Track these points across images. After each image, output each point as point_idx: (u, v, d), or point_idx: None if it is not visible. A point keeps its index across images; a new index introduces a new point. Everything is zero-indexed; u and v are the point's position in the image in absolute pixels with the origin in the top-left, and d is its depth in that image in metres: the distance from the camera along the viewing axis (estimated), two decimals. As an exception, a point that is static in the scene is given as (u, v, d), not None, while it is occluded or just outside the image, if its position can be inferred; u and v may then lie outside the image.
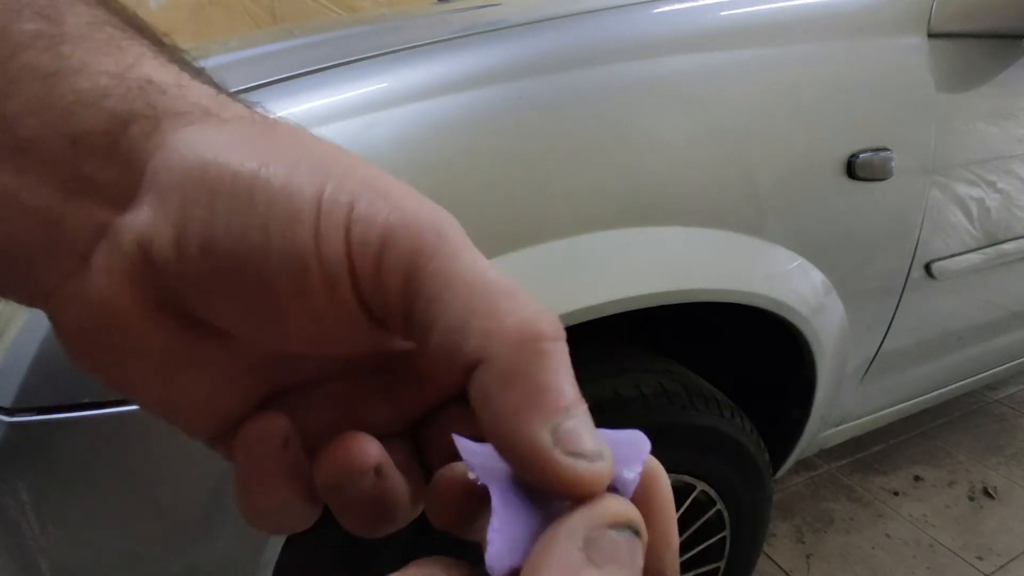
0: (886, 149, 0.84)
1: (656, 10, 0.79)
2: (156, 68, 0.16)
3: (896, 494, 1.51)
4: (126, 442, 0.54)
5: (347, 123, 0.59)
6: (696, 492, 0.91)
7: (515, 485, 0.15)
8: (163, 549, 0.59)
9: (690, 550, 0.98)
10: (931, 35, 0.87)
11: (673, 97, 0.73)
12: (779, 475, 1.16)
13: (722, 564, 1.01)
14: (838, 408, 1.09)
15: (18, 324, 0.52)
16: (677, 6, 0.81)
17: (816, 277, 0.86)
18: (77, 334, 0.16)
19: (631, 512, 0.14)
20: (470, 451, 0.16)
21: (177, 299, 0.16)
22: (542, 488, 0.14)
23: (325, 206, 0.15)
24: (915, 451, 1.65)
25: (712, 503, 0.94)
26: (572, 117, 0.67)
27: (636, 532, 0.14)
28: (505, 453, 0.14)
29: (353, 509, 0.17)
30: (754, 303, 0.80)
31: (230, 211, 0.15)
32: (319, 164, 0.15)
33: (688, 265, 0.74)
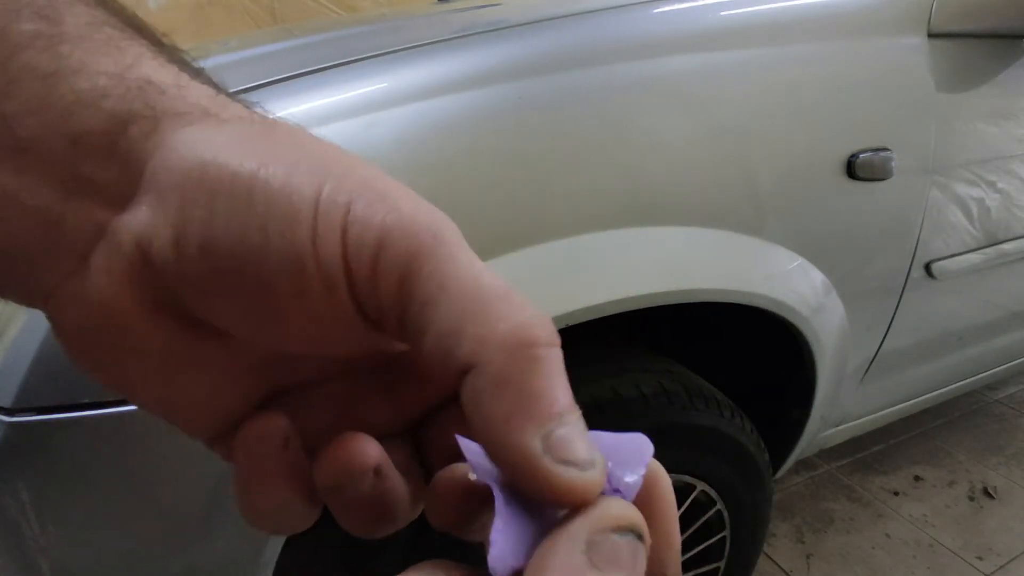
0: (886, 149, 0.84)
1: (656, 10, 0.79)
2: (155, 68, 0.16)
3: (896, 494, 1.51)
4: (126, 442, 0.54)
5: (347, 123, 0.59)
6: (696, 492, 0.91)
7: (517, 486, 0.15)
8: (163, 549, 0.59)
9: (690, 550, 0.98)
10: (931, 35, 0.87)
11: (673, 97, 0.73)
12: (779, 475, 1.16)
13: (722, 564, 1.01)
14: (838, 408, 1.09)
15: (18, 324, 0.52)
16: (677, 6, 0.81)
17: (816, 277, 0.86)
18: (77, 334, 0.16)
19: (634, 516, 0.14)
20: (473, 451, 0.16)
21: (176, 299, 0.16)
22: (533, 496, 0.14)
23: (323, 206, 0.15)
24: (915, 451, 1.65)
25: (712, 503, 0.94)
26: (572, 117, 0.67)
27: (639, 536, 0.14)
28: (496, 459, 0.14)
29: (352, 510, 0.17)
30: (754, 303, 0.80)
31: (229, 211, 0.15)
32: (318, 164, 0.15)
33: (688, 265, 0.74)
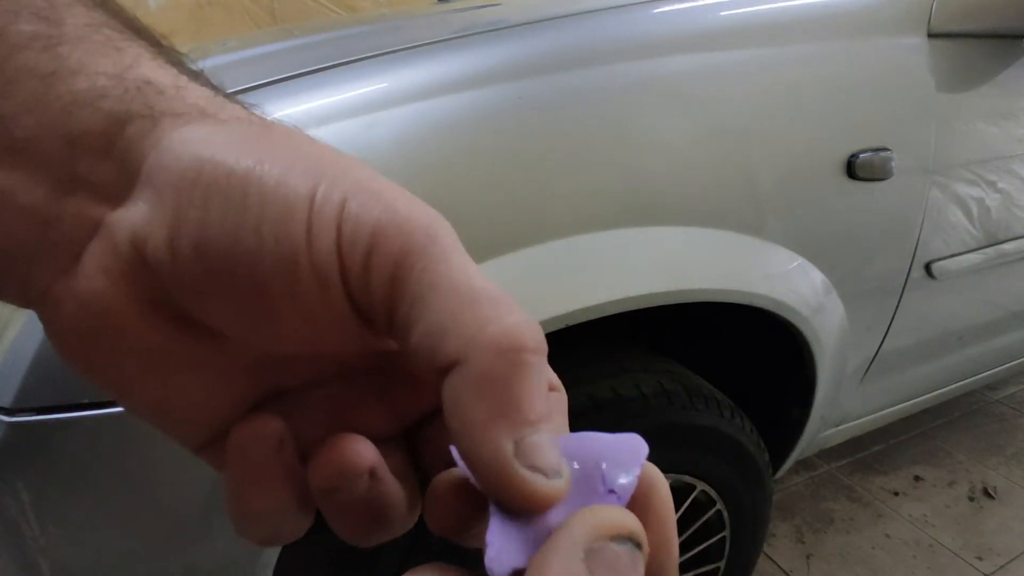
0: (886, 149, 0.84)
1: (656, 10, 0.79)
2: (153, 69, 0.16)
3: (896, 494, 1.51)
4: (126, 442, 0.54)
5: (347, 123, 0.59)
6: (696, 492, 0.91)
7: None
8: (163, 549, 0.59)
9: (690, 550, 0.98)
10: (931, 35, 0.87)
11: (673, 97, 0.73)
12: (779, 475, 1.16)
13: (722, 564, 1.01)
14: (838, 408, 1.09)
15: (18, 324, 0.52)
16: (677, 6, 0.81)
17: (816, 277, 0.86)
18: (70, 333, 0.16)
19: (633, 524, 0.14)
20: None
21: (171, 299, 0.15)
22: (496, 497, 0.14)
23: (317, 204, 0.15)
24: (915, 451, 1.65)
25: (712, 503, 0.94)
26: (572, 117, 0.67)
27: (637, 544, 0.14)
28: (467, 457, 0.14)
29: (347, 514, 0.17)
30: (754, 303, 0.80)
31: (224, 211, 0.15)
32: (314, 165, 0.15)
33: (688, 265, 0.74)
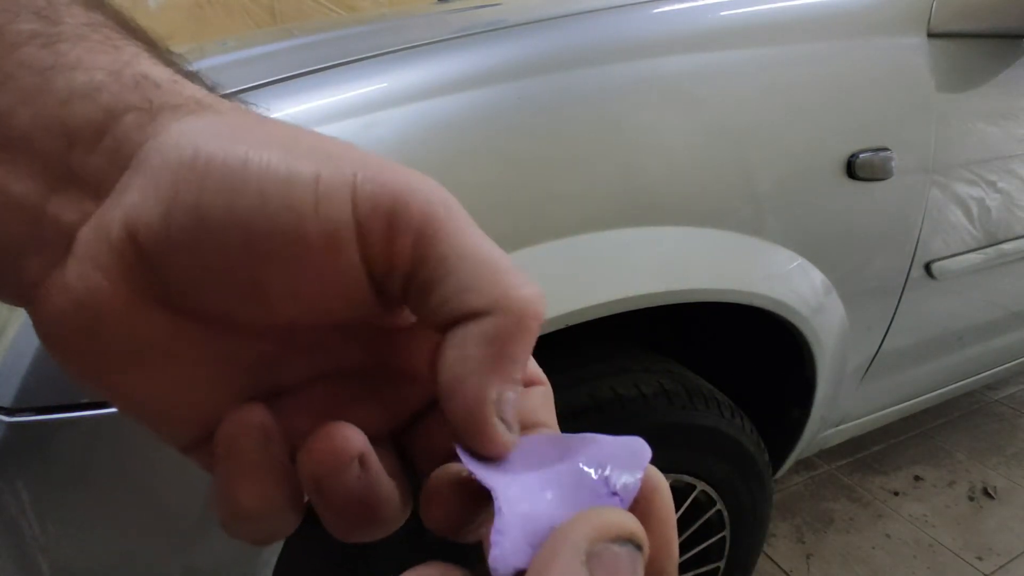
0: (886, 149, 0.84)
1: (656, 10, 0.79)
2: (151, 66, 0.17)
3: (896, 494, 1.51)
4: (126, 442, 0.54)
5: (347, 123, 0.59)
6: (696, 492, 0.91)
7: (517, 487, 0.15)
8: (163, 549, 0.59)
9: (690, 550, 0.98)
10: (931, 35, 0.87)
11: (673, 97, 0.73)
12: (779, 475, 1.16)
13: (722, 564, 1.01)
14: (838, 408, 1.09)
15: (18, 324, 0.52)
16: (677, 6, 0.81)
17: (816, 277, 0.86)
18: (60, 327, 0.15)
19: (634, 526, 0.14)
20: (470, 459, 0.16)
21: (164, 287, 0.15)
22: (458, 431, 0.16)
23: (325, 178, 0.15)
24: (915, 451, 1.65)
25: (712, 503, 0.94)
26: (572, 117, 0.67)
27: (638, 546, 0.14)
28: (454, 393, 0.16)
29: (338, 506, 0.17)
30: (754, 303, 0.80)
31: (221, 185, 0.15)
32: (316, 146, 0.16)
33: (688, 265, 0.74)
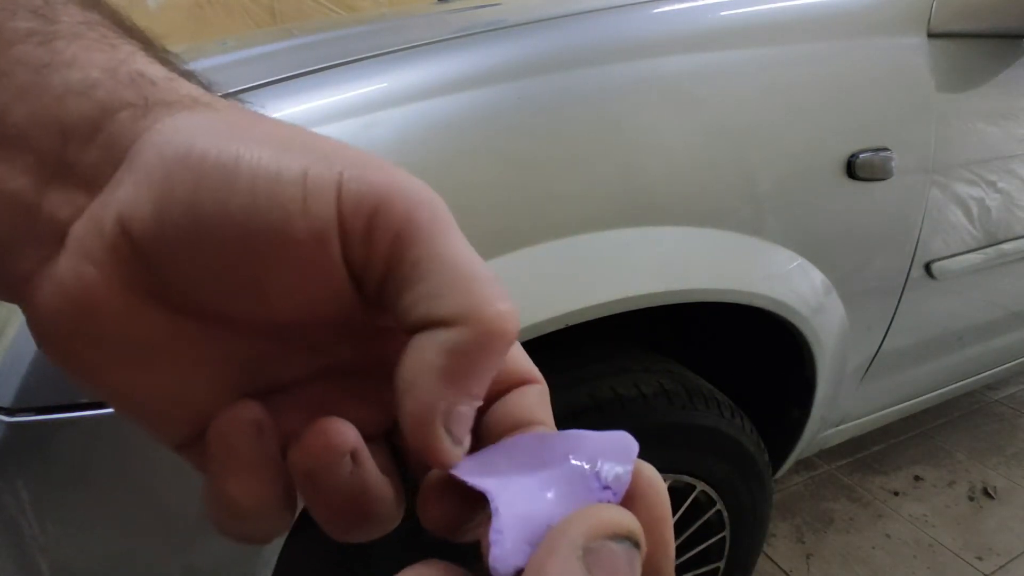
0: (886, 149, 0.84)
1: (656, 10, 0.79)
2: (147, 65, 0.17)
3: (896, 494, 1.51)
4: (125, 442, 0.54)
5: (347, 123, 0.59)
6: (696, 492, 0.91)
7: (511, 487, 0.15)
8: (163, 548, 0.59)
9: (690, 550, 0.98)
10: (931, 35, 0.87)
11: (673, 97, 0.73)
12: (779, 475, 1.16)
13: (722, 564, 1.01)
14: (838, 408, 1.09)
15: (18, 324, 0.52)
16: (677, 6, 0.81)
17: (816, 277, 0.86)
18: (52, 322, 0.15)
19: (631, 523, 0.14)
20: (461, 468, 0.16)
21: (158, 282, 0.15)
22: (408, 439, 0.15)
23: (313, 174, 0.15)
24: (915, 451, 1.65)
25: (712, 503, 0.94)
26: (571, 117, 0.67)
27: (635, 543, 0.14)
28: (405, 398, 0.15)
29: (331, 502, 0.17)
30: (754, 303, 0.80)
31: (214, 181, 0.15)
32: (309, 143, 0.16)
33: (688, 265, 0.74)
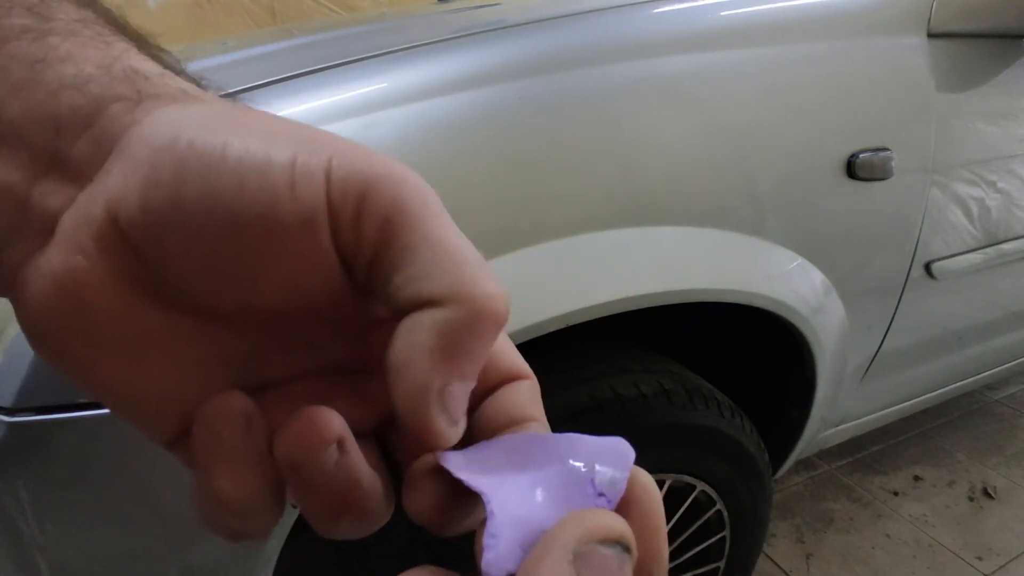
0: (886, 149, 0.84)
1: (656, 10, 0.79)
2: (141, 61, 0.17)
3: (896, 494, 1.51)
4: (125, 442, 0.54)
5: (347, 123, 0.59)
6: (696, 492, 0.91)
7: (507, 489, 0.15)
8: (162, 548, 0.59)
9: (690, 550, 0.98)
10: (931, 35, 0.87)
11: (673, 97, 0.73)
12: (779, 475, 1.16)
13: (722, 564, 1.01)
14: (838, 408, 1.09)
15: (18, 324, 0.52)
16: (677, 6, 0.81)
17: (816, 277, 0.86)
18: (41, 314, 0.15)
19: (622, 527, 0.14)
20: (455, 464, 0.16)
21: (147, 274, 0.15)
22: (404, 422, 0.16)
23: (301, 160, 0.15)
24: (915, 451, 1.65)
25: (712, 503, 0.94)
26: (571, 117, 0.67)
27: (626, 548, 0.14)
28: (399, 381, 0.15)
29: (318, 493, 0.16)
30: (754, 303, 0.80)
31: (200, 168, 0.15)
32: (296, 132, 0.16)
33: (688, 265, 0.74)
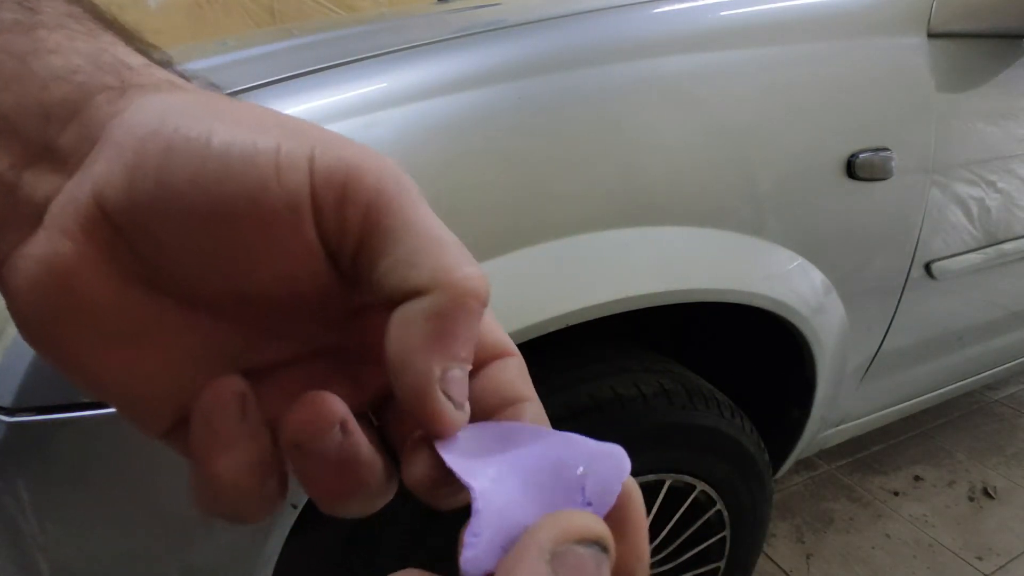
0: (886, 149, 0.84)
1: (656, 10, 0.79)
2: (127, 54, 0.17)
3: (896, 494, 1.51)
4: (125, 442, 0.54)
5: (347, 123, 0.59)
6: (696, 492, 0.91)
7: (496, 489, 0.15)
8: (162, 548, 0.59)
9: (690, 550, 0.98)
10: (931, 35, 0.87)
11: (673, 97, 0.73)
12: (779, 475, 1.16)
13: (722, 564, 1.01)
14: (838, 408, 1.09)
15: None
16: (677, 6, 0.81)
17: (816, 277, 0.86)
18: (31, 303, 0.15)
19: (599, 528, 0.14)
20: (449, 448, 0.16)
21: (136, 261, 0.15)
22: (406, 410, 0.16)
23: (286, 149, 0.15)
24: (915, 451, 1.65)
25: (712, 503, 0.94)
26: (571, 117, 0.67)
27: (604, 548, 0.14)
28: (399, 372, 0.16)
29: (321, 473, 0.17)
30: (754, 303, 0.80)
31: (187, 153, 0.15)
32: (281, 121, 0.16)
33: (688, 265, 0.74)
